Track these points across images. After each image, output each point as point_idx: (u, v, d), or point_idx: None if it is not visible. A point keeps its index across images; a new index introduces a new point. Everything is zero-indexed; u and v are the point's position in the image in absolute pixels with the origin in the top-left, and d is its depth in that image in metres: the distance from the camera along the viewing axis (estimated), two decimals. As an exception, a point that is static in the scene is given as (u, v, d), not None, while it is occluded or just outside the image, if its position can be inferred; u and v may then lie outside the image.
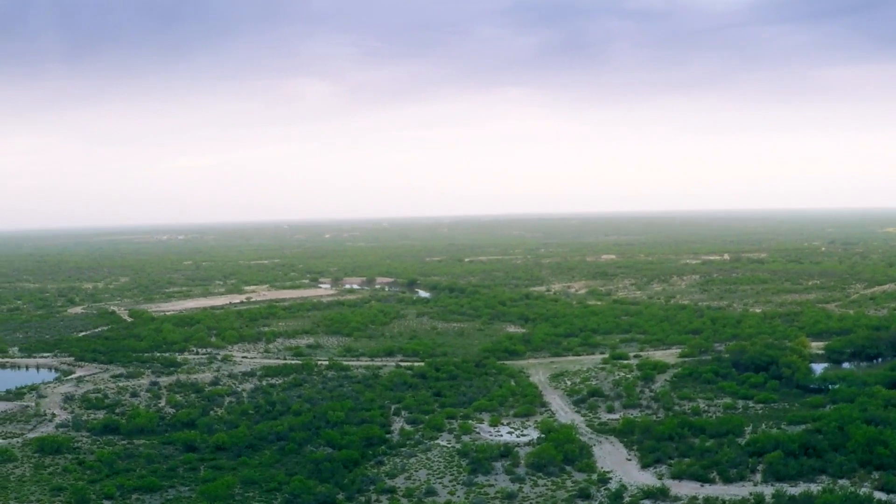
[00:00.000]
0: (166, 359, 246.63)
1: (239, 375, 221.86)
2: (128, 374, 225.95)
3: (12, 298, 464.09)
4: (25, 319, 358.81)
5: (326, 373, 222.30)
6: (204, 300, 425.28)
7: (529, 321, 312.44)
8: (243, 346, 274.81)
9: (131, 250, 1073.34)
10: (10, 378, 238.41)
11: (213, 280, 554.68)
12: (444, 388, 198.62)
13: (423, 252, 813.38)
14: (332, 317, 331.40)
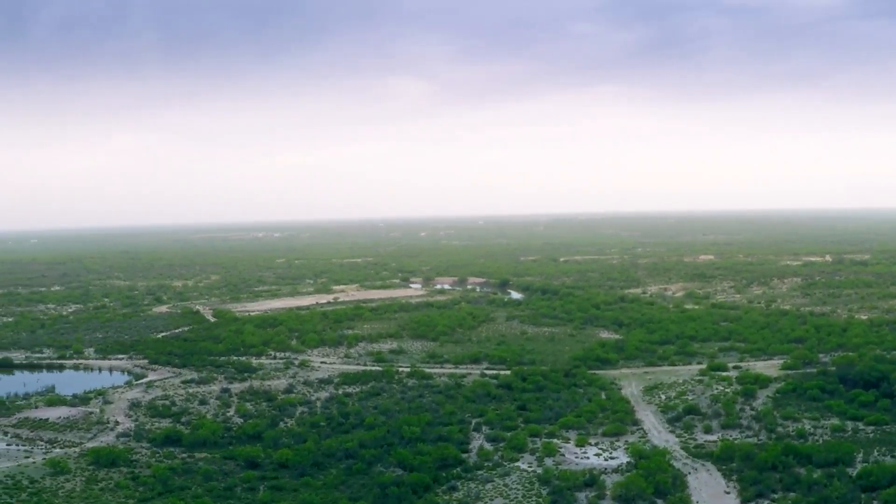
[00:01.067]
0: (242, 363, 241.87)
1: (315, 383, 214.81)
2: (199, 380, 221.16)
3: (100, 296, 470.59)
4: (108, 318, 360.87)
5: (407, 381, 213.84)
6: (291, 300, 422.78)
7: (623, 326, 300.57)
8: (323, 351, 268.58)
9: (226, 248, 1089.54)
10: (81, 381, 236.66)
11: (304, 279, 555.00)
12: (530, 400, 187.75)
13: (517, 251, 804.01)
14: (419, 319, 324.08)
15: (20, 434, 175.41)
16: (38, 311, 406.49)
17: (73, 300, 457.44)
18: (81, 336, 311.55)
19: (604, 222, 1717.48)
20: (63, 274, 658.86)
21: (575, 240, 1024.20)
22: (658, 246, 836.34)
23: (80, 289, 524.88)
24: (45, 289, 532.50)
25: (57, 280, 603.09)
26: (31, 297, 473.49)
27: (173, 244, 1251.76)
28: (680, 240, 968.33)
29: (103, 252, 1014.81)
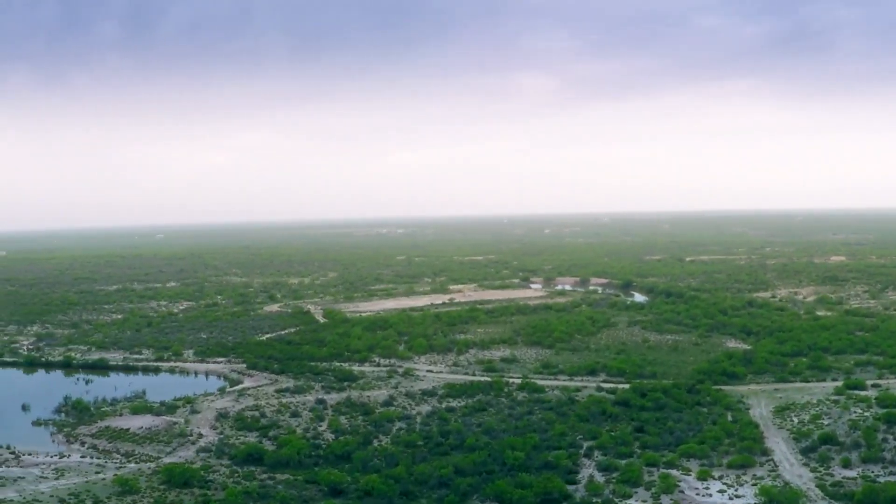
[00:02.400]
0: (342, 371, 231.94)
1: (417, 394, 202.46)
2: (294, 389, 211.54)
3: (213, 294, 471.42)
4: (216, 317, 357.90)
5: (516, 394, 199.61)
6: (406, 300, 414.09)
7: (752, 335, 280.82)
8: (431, 358, 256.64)
9: (349, 244, 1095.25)
10: (173, 386, 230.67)
11: (422, 277, 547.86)
12: (649, 420, 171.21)
13: (642, 250, 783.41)
14: (536, 324, 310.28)
15: (97, 445, 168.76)
16: (149, 309, 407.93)
17: (186, 297, 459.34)
18: (185, 336, 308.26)
19: (730, 220, 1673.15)
20: (180, 270, 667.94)
21: (701, 238, 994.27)
22: (786, 246, 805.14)
23: (194, 285, 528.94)
24: (160, 285, 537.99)
25: (174, 276, 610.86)
26: (144, 294, 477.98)
27: (297, 240, 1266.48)
28: (809, 239, 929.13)
29: (225, 248, 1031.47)
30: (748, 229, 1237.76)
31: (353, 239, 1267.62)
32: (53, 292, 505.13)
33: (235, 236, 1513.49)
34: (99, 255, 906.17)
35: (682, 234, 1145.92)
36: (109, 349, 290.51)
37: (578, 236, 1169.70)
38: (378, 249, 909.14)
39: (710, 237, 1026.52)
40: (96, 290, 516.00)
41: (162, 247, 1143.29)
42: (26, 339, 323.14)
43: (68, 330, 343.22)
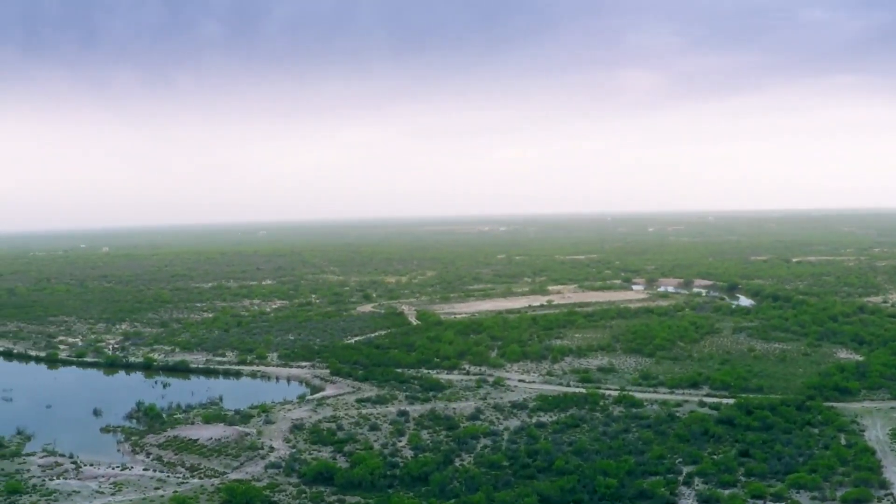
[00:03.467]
0: (429, 380, 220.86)
1: (506, 407, 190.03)
2: (376, 399, 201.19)
3: (308, 292, 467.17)
4: (307, 318, 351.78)
5: (612, 409, 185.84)
6: (503, 301, 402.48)
7: (864, 344, 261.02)
8: (524, 366, 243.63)
9: (450, 241, 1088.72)
10: (252, 392, 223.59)
11: (521, 277, 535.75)
12: (755, 442, 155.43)
13: (747, 250, 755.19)
14: (636, 329, 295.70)
15: (163, 457, 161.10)
16: (241, 308, 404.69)
17: (280, 296, 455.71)
18: (272, 338, 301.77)
19: (838, 219, 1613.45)
20: (278, 267, 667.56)
21: (808, 238, 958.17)
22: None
23: (290, 283, 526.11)
24: (255, 283, 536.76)
25: (270, 274, 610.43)
26: (238, 292, 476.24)
27: (398, 237, 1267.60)
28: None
29: (325, 245, 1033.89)
30: (856, 228, 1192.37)
31: (455, 237, 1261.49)
32: (148, 289, 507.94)
33: (337, 233, 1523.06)
34: (199, 252, 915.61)
35: (789, 233, 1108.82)
36: (193, 350, 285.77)
37: (682, 235, 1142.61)
38: (478, 248, 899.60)
39: (816, 237, 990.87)
40: (191, 287, 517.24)
41: (263, 243, 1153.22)
42: (113, 337, 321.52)
43: (157, 329, 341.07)
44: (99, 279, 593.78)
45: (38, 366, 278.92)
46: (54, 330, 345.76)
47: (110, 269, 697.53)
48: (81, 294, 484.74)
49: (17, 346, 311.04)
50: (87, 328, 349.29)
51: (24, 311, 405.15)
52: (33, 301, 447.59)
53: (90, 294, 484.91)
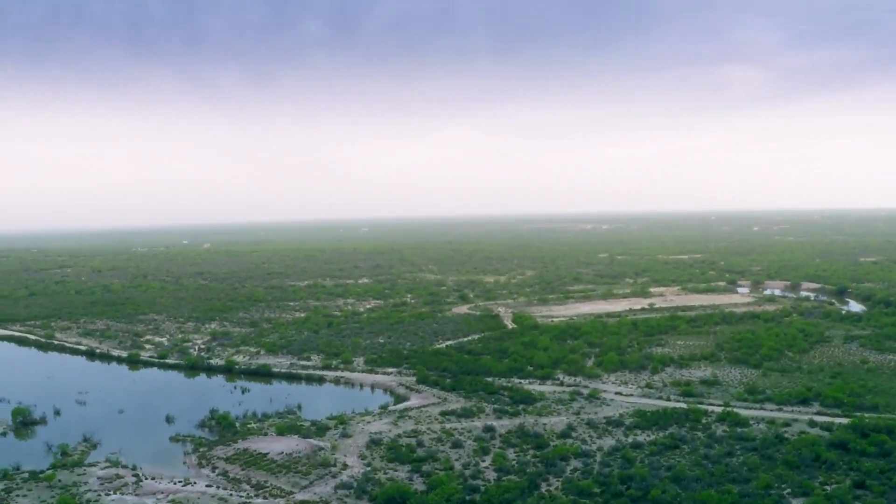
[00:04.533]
0: (519, 391, 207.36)
1: (601, 424, 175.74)
2: (462, 411, 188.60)
3: (404, 292, 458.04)
4: (399, 319, 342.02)
5: (715, 428, 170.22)
6: (603, 304, 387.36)
7: None
8: (621, 376, 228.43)
9: (551, 239, 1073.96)
10: (333, 400, 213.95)
11: (623, 278, 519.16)
12: (871, 472, 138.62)
13: (856, 250, 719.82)
14: (741, 336, 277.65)
15: (229, 472, 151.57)
16: (334, 307, 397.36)
17: (375, 295, 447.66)
18: (360, 341, 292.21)
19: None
20: (376, 265, 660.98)
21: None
22: None
23: (386, 282, 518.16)
24: (351, 281, 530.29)
25: (368, 272, 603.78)
26: (333, 291, 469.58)
27: (499, 235, 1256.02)
28: None
29: (426, 243, 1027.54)
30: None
31: (557, 235, 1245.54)
32: (242, 287, 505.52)
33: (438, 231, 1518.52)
34: (299, 249, 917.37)
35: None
36: (278, 353, 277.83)
37: (788, 234, 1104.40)
38: (580, 246, 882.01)
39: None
40: (286, 285, 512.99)
41: (364, 241, 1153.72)
42: (201, 337, 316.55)
43: (246, 329, 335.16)
44: (194, 276, 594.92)
45: (119, 366, 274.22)
46: (142, 329, 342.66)
47: (208, 266, 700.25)
48: (175, 292, 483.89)
49: (103, 344, 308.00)
50: (175, 327, 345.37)
51: (115, 308, 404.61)
52: (126, 298, 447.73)
53: (184, 292, 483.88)
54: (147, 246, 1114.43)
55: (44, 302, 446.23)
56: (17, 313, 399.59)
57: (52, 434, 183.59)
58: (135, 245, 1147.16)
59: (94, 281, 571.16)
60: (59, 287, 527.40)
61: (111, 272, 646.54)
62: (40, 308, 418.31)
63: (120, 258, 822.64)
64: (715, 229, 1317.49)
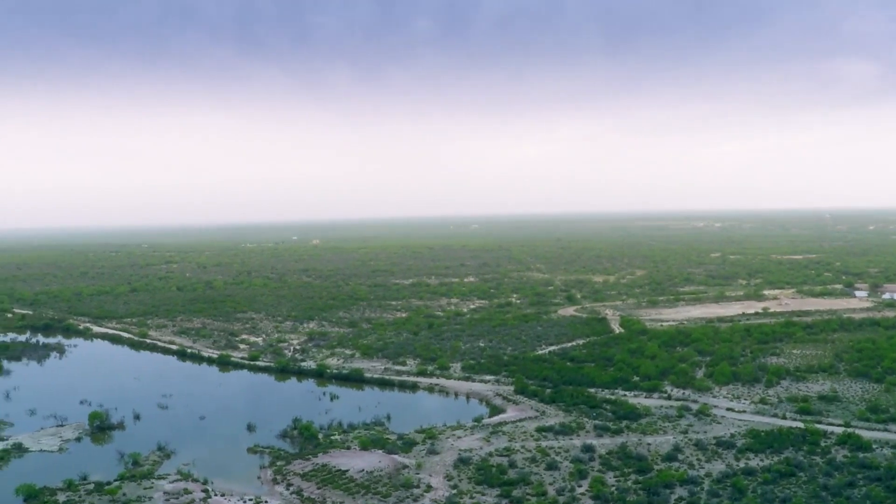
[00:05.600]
0: (623, 405, 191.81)
1: (710, 445, 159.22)
2: (560, 428, 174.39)
3: (510, 291, 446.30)
4: (502, 322, 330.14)
5: (835, 453, 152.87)
6: (714, 307, 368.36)
7: None
8: (734, 390, 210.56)
9: (662, 237, 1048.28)
10: (426, 410, 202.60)
11: (735, 279, 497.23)
12: None
13: None
14: (861, 345, 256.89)
15: (303, 490, 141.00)
16: (436, 307, 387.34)
17: (480, 295, 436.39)
18: (459, 344, 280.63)
19: None
20: (483, 264, 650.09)
21: None
22: None
23: (492, 281, 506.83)
24: (457, 280, 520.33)
25: (474, 270, 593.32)
26: (437, 290, 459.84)
27: (610, 233, 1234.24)
28: None
29: (535, 240, 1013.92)
30: None
31: (668, 233, 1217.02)
32: (346, 285, 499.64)
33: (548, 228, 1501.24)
34: (406, 246, 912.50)
35: None
36: (373, 357, 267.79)
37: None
38: (691, 245, 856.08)
39: None
40: (390, 283, 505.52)
41: (472, 238, 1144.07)
42: (297, 337, 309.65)
43: (344, 329, 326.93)
44: (299, 273, 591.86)
45: (208, 368, 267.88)
46: (238, 328, 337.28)
47: (314, 262, 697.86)
48: (277, 289, 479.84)
49: (197, 344, 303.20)
50: (273, 326, 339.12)
51: (213, 306, 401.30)
52: (226, 296, 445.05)
53: (286, 289, 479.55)
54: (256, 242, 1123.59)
55: (144, 298, 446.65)
56: (115, 310, 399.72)
57: (128, 441, 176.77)
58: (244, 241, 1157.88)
59: (197, 277, 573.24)
60: (162, 283, 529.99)
61: (216, 268, 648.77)
62: (139, 305, 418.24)
63: (227, 254, 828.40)
64: (829, 228, 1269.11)
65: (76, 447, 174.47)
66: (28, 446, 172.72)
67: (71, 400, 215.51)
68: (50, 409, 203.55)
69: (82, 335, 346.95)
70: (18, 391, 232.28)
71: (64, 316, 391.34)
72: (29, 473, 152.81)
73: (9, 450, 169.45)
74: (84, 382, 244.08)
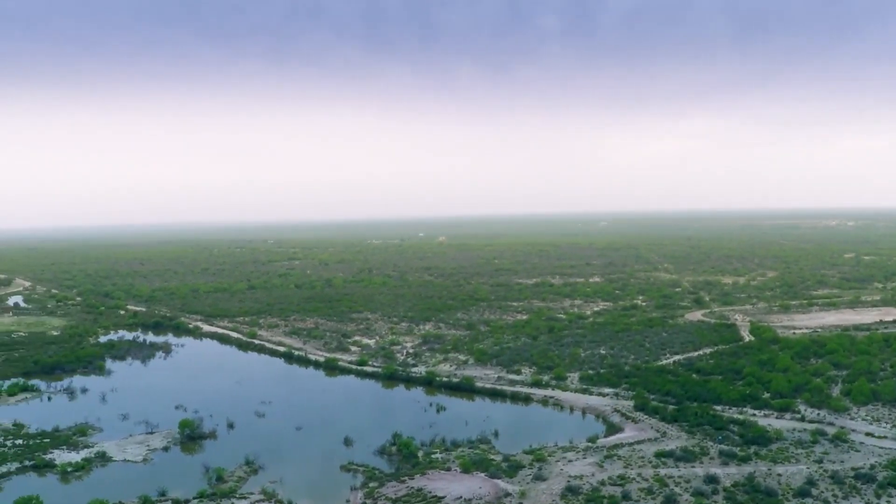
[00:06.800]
0: (753, 428, 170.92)
1: (847, 478, 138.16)
2: (681, 453, 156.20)
3: (635, 293, 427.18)
4: (625, 326, 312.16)
5: None
6: (849, 313, 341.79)
7: None
8: (873, 411, 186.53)
9: (794, 237, 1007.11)
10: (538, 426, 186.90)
11: (871, 282, 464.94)
12: None
13: None
14: None
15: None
16: (558, 309, 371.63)
17: (604, 296, 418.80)
18: (579, 352, 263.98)
19: None
20: (609, 263, 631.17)
21: None
22: None
23: (618, 282, 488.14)
24: (581, 280, 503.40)
25: (600, 270, 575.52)
26: (560, 290, 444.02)
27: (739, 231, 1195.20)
28: None
29: (663, 238, 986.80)
30: None
31: (799, 231, 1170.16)
32: (467, 284, 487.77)
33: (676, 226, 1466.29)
34: (532, 244, 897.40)
35: None
36: (487, 363, 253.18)
37: None
38: (824, 245, 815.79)
39: None
40: (512, 283, 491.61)
41: (600, 235, 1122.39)
42: (412, 339, 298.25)
43: (461, 331, 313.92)
44: (420, 271, 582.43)
45: (314, 372, 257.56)
46: (352, 328, 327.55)
47: (437, 260, 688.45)
48: (396, 288, 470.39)
49: (307, 345, 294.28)
50: (387, 327, 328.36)
51: (329, 305, 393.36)
52: (344, 294, 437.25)
53: (405, 288, 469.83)
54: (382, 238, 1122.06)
55: (260, 296, 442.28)
56: (229, 308, 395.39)
57: (218, 452, 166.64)
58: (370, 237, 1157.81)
59: (317, 275, 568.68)
60: (280, 281, 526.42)
61: (338, 265, 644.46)
62: (254, 303, 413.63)
63: (351, 251, 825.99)
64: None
65: (162, 458, 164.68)
66: (112, 455, 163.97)
67: (167, 404, 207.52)
68: (143, 415, 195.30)
69: (192, 334, 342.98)
70: (116, 393, 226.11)
71: (176, 314, 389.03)
72: (106, 486, 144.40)
73: (91, 458, 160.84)
74: (183, 385, 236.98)
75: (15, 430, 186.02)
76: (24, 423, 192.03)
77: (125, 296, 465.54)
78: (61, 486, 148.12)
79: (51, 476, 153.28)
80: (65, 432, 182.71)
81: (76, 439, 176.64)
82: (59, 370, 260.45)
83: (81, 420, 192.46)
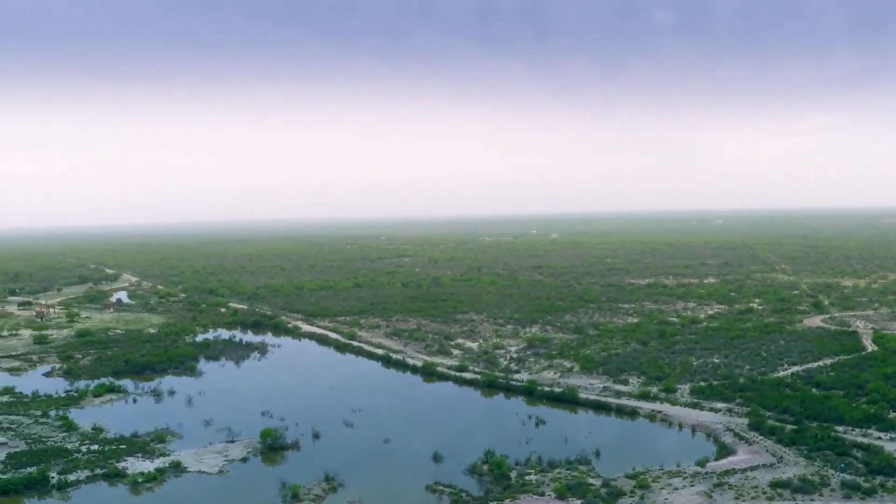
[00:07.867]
0: (879, 454, 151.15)
1: None
2: (799, 483, 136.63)
3: (751, 295, 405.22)
4: (740, 332, 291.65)
5: None
6: None
7: None
8: None
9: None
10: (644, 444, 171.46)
11: None
12: None
13: None
14: None
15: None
16: (671, 312, 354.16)
17: (719, 298, 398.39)
18: (691, 360, 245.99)
19: None
20: (724, 263, 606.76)
21: None
22: None
23: (734, 283, 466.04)
24: (696, 281, 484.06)
25: (715, 270, 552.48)
26: (674, 292, 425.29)
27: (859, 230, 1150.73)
28: None
29: (779, 237, 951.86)
30: None
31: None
32: (578, 284, 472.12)
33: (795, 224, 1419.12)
34: (646, 242, 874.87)
35: None
36: (593, 372, 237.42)
37: None
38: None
39: None
40: (624, 283, 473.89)
41: (715, 234, 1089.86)
42: (517, 343, 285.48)
43: (569, 335, 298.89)
44: (531, 270, 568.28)
45: (411, 378, 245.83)
46: (455, 330, 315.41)
47: (548, 258, 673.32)
48: (504, 287, 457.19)
49: (407, 348, 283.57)
50: (492, 330, 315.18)
51: (434, 305, 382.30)
52: (450, 294, 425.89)
53: (514, 287, 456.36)
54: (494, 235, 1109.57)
55: (364, 295, 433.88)
56: (331, 307, 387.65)
57: (298, 465, 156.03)
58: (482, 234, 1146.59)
59: (426, 273, 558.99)
60: (387, 279, 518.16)
61: (447, 263, 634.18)
62: (357, 302, 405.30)
63: (462, 248, 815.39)
64: None
65: (239, 470, 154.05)
66: (187, 465, 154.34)
67: (253, 410, 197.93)
68: (226, 421, 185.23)
69: (290, 334, 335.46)
70: (203, 396, 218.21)
71: (277, 312, 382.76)
72: (174, 499, 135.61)
73: (165, 468, 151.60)
74: (273, 389, 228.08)
75: (93, 434, 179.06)
76: (103, 426, 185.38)
77: (229, 293, 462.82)
78: (129, 497, 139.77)
79: (121, 486, 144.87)
80: (143, 438, 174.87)
81: (153, 446, 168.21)
82: (150, 370, 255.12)
83: (162, 425, 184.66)
